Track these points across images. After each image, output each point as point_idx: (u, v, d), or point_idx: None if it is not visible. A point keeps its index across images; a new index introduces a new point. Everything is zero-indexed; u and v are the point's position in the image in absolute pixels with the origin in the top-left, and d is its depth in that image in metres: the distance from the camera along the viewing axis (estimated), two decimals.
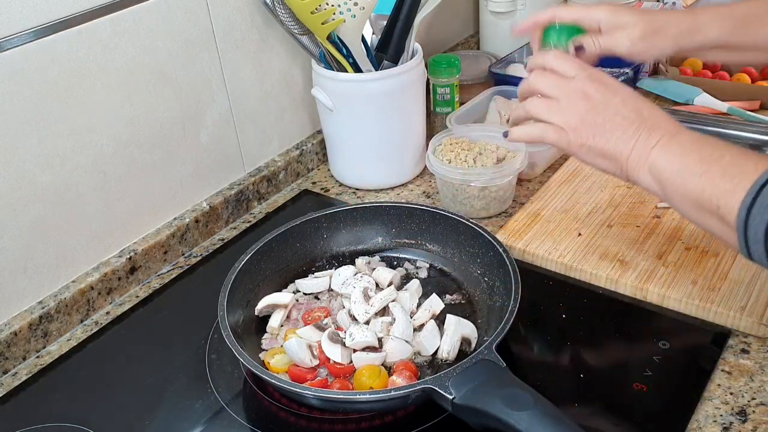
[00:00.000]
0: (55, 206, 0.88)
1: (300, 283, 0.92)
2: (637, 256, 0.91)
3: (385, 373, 0.76)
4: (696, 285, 0.86)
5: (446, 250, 0.95)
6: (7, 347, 0.85)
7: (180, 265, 1.03)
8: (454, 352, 0.80)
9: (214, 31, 1.01)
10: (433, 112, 1.26)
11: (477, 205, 1.04)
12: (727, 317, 0.82)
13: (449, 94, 1.23)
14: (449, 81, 1.22)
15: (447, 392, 0.67)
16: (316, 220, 0.95)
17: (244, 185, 1.12)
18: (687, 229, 0.95)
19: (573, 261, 0.92)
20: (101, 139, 0.91)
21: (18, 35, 0.79)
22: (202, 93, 1.02)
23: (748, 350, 0.80)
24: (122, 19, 0.89)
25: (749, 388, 0.75)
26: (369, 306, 0.84)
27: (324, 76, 1.08)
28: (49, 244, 0.89)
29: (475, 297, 0.89)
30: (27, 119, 0.83)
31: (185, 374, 0.83)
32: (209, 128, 1.05)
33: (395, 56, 1.07)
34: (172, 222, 1.03)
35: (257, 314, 0.87)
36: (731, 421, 0.72)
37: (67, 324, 0.91)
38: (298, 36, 1.07)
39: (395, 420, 0.75)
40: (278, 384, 0.72)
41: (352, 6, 0.99)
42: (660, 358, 0.79)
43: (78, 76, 0.86)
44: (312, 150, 1.22)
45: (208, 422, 0.77)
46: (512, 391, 0.65)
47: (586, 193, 1.04)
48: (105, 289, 0.95)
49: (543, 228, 0.98)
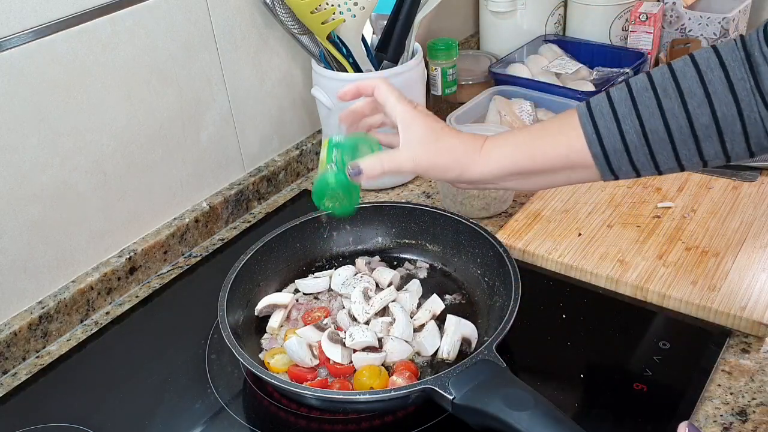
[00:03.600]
0: (55, 206, 0.88)
1: (300, 283, 0.92)
2: (637, 256, 0.91)
3: (386, 373, 0.76)
4: (696, 285, 0.86)
5: (446, 250, 0.94)
6: (7, 347, 0.85)
7: (180, 265, 1.03)
8: (454, 352, 0.80)
9: (214, 31, 1.01)
10: (442, 95, 1.29)
11: (477, 205, 1.04)
12: (727, 317, 0.82)
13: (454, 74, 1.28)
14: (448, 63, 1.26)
15: (447, 392, 0.67)
16: (316, 220, 0.95)
17: (244, 185, 1.12)
18: (687, 229, 0.95)
19: (573, 261, 0.92)
20: (101, 138, 0.91)
21: (18, 35, 0.79)
22: (202, 93, 1.02)
23: (748, 350, 0.80)
24: (122, 19, 0.89)
25: (749, 388, 0.75)
26: (369, 306, 0.84)
27: (324, 76, 1.08)
28: (49, 244, 0.89)
29: (475, 297, 0.89)
30: (27, 119, 0.82)
31: (185, 374, 0.83)
32: (209, 128, 1.05)
33: (395, 56, 1.07)
34: (172, 222, 1.03)
35: (257, 314, 0.87)
36: (731, 421, 0.72)
37: (66, 324, 0.91)
38: (298, 36, 1.07)
39: (395, 420, 0.75)
40: (278, 384, 0.72)
41: (352, 6, 0.99)
42: (660, 358, 0.79)
43: (78, 75, 0.86)
44: (312, 150, 1.22)
45: (208, 422, 0.77)
46: (512, 391, 0.65)
47: (587, 193, 1.04)
48: (105, 289, 0.95)
49: (543, 228, 0.98)
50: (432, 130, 0.73)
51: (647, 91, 0.65)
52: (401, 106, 0.74)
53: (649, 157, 0.66)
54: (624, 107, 0.65)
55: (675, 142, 0.64)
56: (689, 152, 0.64)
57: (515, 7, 1.43)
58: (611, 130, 0.66)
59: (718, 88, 0.62)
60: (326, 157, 0.77)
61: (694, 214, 0.98)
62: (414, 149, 0.73)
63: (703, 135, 0.63)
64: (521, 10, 1.43)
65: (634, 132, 0.65)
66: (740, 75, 0.61)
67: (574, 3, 1.44)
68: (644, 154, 0.66)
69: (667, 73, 0.65)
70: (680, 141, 0.64)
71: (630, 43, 1.37)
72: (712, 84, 0.62)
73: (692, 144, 0.64)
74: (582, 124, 0.67)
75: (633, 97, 0.65)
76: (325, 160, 0.77)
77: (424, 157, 0.73)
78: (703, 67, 0.63)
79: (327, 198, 0.77)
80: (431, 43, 1.27)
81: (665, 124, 0.64)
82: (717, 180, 1.04)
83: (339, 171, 0.76)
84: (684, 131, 0.63)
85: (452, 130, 0.75)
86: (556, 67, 1.34)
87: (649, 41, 1.34)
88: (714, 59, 0.63)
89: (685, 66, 0.64)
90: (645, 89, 0.65)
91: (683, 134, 0.64)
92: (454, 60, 1.27)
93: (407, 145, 0.73)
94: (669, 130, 0.64)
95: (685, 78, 0.63)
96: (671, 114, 0.63)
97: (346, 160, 0.76)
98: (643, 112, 0.64)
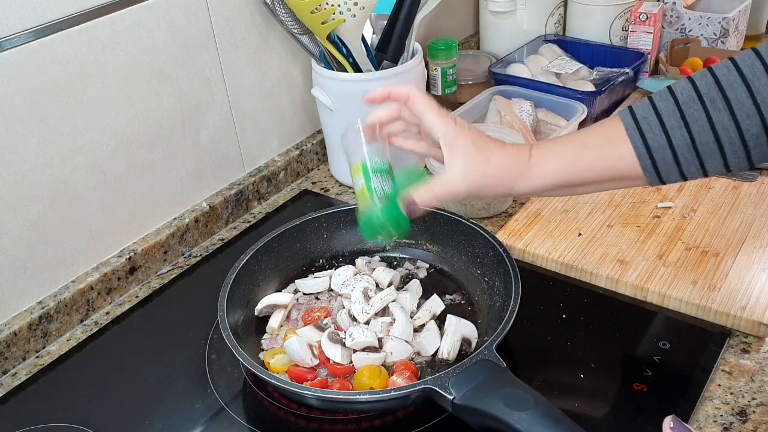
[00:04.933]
0: (55, 206, 0.88)
1: (300, 283, 0.92)
2: (637, 256, 0.91)
3: (386, 373, 0.76)
4: (696, 285, 0.86)
5: (446, 250, 0.94)
6: (6, 347, 0.85)
7: (180, 265, 1.03)
8: (454, 352, 0.80)
9: (214, 31, 1.01)
10: (442, 95, 1.29)
11: (477, 205, 1.04)
12: (727, 317, 0.82)
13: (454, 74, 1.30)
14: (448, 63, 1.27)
15: (447, 392, 0.67)
16: (316, 220, 0.95)
17: (244, 185, 1.12)
18: (687, 229, 0.95)
19: (573, 261, 0.92)
20: (101, 138, 0.91)
21: (18, 35, 0.79)
22: (202, 93, 1.02)
23: (748, 350, 0.80)
24: (122, 18, 0.89)
25: (749, 388, 0.75)
26: (369, 306, 0.84)
27: (324, 76, 1.08)
28: (49, 244, 0.89)
29: (475, 297, 0.89)
30: (27, 119, 0.82)
31: (185, 374, 0.83)
32: (209, 128, 1.05)
33: (395, 56, 1.07)
34: (172, 222, 1.03)
35: (257, 314, 0.87)
36: (731, 421, 0.72)
37: (66, 324, 0.91)
38: (298, 36, 1.07)
39: (395, 420, 0.75)
40: (278, 384, 0.72)
41: (352, 6, 0.99)
42: (660, 358, 0.79)
43: (78, 75, 0.86)
44: (312, 150, 1.22)
45: (208, 422, 0.77)
46: (512, 391, 0.65)
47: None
48: (105, 289, 0.95)
49: (543, 228, 0.98)
50: (478, 149, 0.71)
51: (694, 102, 0.64)
52: (442, 122, 0.72)
53: (698, 167, 0.65)
54: (672, 120, 0.64)
55: (725, 152, 0.64)
56: (738, 159, 0.64)
57: (515, 7, 1.43)
58: (661, 144, 0.65)
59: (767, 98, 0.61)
60: (366, 186, 0.75)
61: (694, 214, 0.98)
62: (463, 172, 0.71)
63: (753, 144, 0.63)
64: (521, 10, 1.43)
65: (685, 145, 0.64)
66: None
67: (574, 3, 1.43)
68: (694, 165, 0.65)
69: (712, 81, 0.64)
70: (731, 152, 0.64)
71: (630, 43, 1.37)
72: (760, 93, 0.61)
73: (742, 153, 0.63)
74: (630, 136, 0.67)
75: (680, 109, 0.64)
76: (365, 189, 0.75)
77: (475, 179, 0.71)
78: (749, 75, 0.62)
79: (379, 232, 0.75)
80: (431, 43, 1.27)
81: (716, 137, 0.63)
82: (717, 180, 1.04)
83: (388, 205, 0.73)
84: (735, 143, 0.63)
85: (497, 143, 0.73)
86: (556, 67, 1.34)
87: (649, 41, 1.34)
88: (759, 66, 0.62)
89: (729, 74, 0.63)
90: (692, 99, 0.64)
91: (734, 145, 0.63)
92: (454, 60, 1.27)
93: (457, 168, 0.71)
94: (719, 142, 0.63)
95: (731, 88, 0.62)
96: (721, 127, 0.63)
97: (393, 191, 0.73)
98: (693, 126, 0.64)
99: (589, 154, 0.69)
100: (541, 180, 0.71)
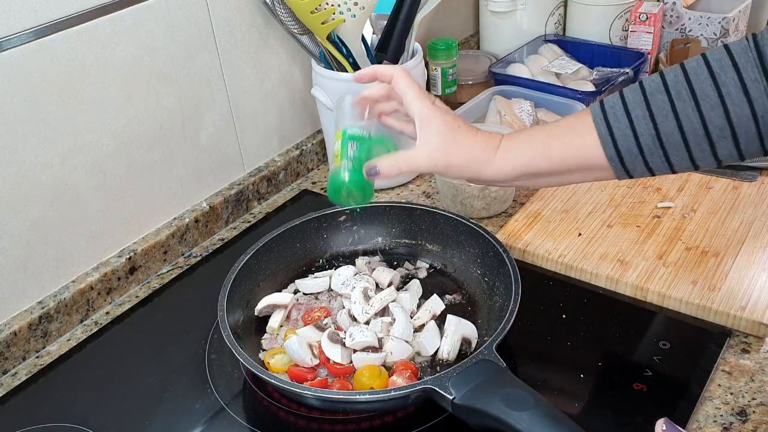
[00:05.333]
0: (55, 206, 0.88)
1: (300, 283, 0.92)
2: (637, 256, 0.91)
3: (386, 373, 0.76)
4: (696, 285, 0.86)
5: (446, 250, 0.94)
6: (6, 347, 0.85)
7: (180, 265, 1.03)
8: (454, 352, 0.80)
9: (214, 31, 1.01)
10: (442, 95, 1.30)
11: (477, 205, 1.04)
12: (727, 317, 0.82)
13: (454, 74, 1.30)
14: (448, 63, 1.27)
15: (447, 392, 0.67)
16: (316, 220, 0.95)
17: (244, 185, 1.12)
18: (687, 229, 0.95)
19: (573, 261, 0.92)
20: (101, 138, 0.91)
21: (18, 35, 0.79)
22: (202, 93, 1.02)
23: (748, 350, 0.80)
24: (122, 18, 0.89)
25: (749, 388, 0.75)
26: (369, 306, 0.84)
27: (324, 76, 1.08)
28: (49, 244, 0.89)
29: (475, 297, 0.89)
30: (27, 119, 0.82)
31: (185, 374, 0.83)
32: (209, 128, 1.05)
33: (395, 56, 1.07)
34: (172, 222, 1.03)
35: (257, 314, 0.87)
36: (731, 422, 0.72)
37: (66, 324, 0.91)
38: (298, 36, 1.07)
39: (395, 420, 0.75)
40: (278, 384, 0.72)
41: (352, 6, 0.99)
42: (660, 358, 0.79)
43: (78, 75, 0.86)
44: (312, 150, 1.22)
45: (208, 422, 0.77)
46: (512, 391, 0.65)
47: (587, 193, 1.04)
48: (105, 289, 0.95)
49: (543, 228, 0.98)
50: (449, 129, 0.73)
51: (661, 93, 0.65)
52: (419, 103, 0.74)
53: (663, 159, 0.66)
54: (638, 110, 0.65)
55: (689, 145, 0.64)
56: (703, 153, 0.64)
57: (515, 7, 1.43)
58: (625, 132, 0.66)
59: (732, 90, 0.62)
60: (341, 150, 0.77)
61: (694, 214, 0.98)
62: (430, 149, 0.73)
63: (717, 137, 0.63)
64: (521, 10, 1.43)
65: (649, 135, 0.65)
66: (753, 76, 0.61)
67: (574, 3, 1.44)
68: (659, 156, 0.66)
69: (681, 74, 0.64)
70: (695, 143, 0.64)
71: (630, 43, 1.37)
72: (726, 86, 0.62)
73: (706, 146, 0.64)
74: (596, 125, 0.68)
75: (647, 99, 0.65)
76: (339, 153, 0.77)
77: (441, 157, 0.73)
78: (716, 68, 0.63)
79: (342, 194, 0.77)
80: (431, 43, 1.27)
81: (679, 128, 0.64)
82: (717, 180, 1.04)
83: (354, 169, 0.75)
84: (698, 134, 0.63)
85: (470, 129, 0.74)
86: (556, 67, 1.34)
87: (649, 41, 1.34)
88: (727, 60, 0.63)
89: (698, 67, 0.64)
90: (659, 91, 0.65)
91: (697, 137, 0.64)
92: (454, 60, 1.27)
93: (424, 145, 0.73)
94: (683, 133, 0.64)
95: (698, 80, 0.63)
96: (685, 117, 0.63)
97: (362, 157, 0.76)
98: (657, 115, 0.64)
99: (556, 143, 0.70)
100: (508, 166, 0.72)
